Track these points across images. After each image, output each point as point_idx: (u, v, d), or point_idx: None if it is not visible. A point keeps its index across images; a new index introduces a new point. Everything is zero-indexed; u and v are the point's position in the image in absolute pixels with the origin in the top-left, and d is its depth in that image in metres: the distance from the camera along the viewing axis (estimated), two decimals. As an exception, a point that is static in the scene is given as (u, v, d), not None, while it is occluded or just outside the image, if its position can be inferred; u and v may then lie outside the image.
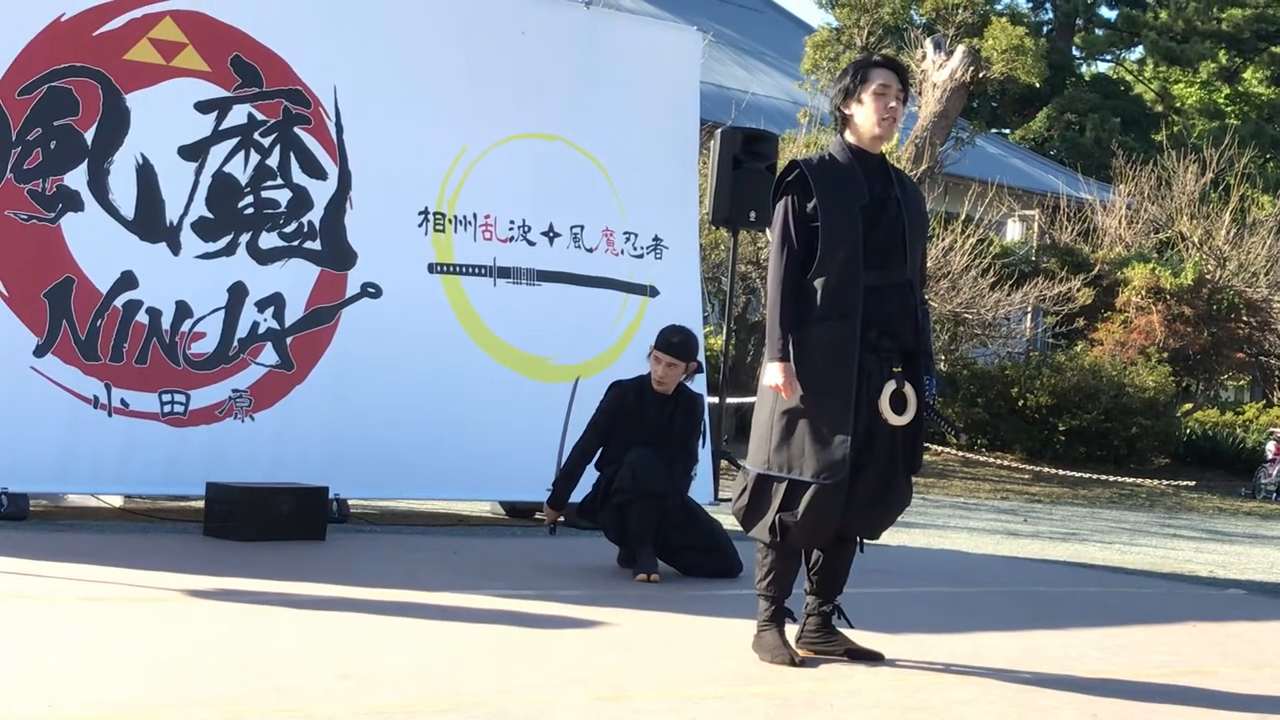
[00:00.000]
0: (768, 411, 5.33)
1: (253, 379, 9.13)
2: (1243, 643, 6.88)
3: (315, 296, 9.37)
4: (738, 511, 5.42)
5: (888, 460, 5.32)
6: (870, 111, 5.33)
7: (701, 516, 7.95)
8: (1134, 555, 11.35)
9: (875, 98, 5.32)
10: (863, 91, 5.34)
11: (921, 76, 23.72)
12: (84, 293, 8.65)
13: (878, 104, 5.32)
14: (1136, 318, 23.07)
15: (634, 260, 10.59)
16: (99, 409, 8.65)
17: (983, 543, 11.36)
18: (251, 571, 6.82)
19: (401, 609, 6.08)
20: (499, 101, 10.09)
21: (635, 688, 4.82)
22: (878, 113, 5.32)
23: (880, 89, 5.32)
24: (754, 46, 33.06)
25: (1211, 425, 23.33)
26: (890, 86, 5.33)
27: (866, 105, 5.34)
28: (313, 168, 9.41)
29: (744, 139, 11.19)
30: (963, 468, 19.48)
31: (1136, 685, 5.46)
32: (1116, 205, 26.46)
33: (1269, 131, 37.18)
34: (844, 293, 5.23)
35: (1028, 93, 34.56)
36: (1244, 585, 9.54)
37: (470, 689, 4.63)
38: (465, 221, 9.94)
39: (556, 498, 8.02)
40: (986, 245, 21.94)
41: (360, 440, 9.35)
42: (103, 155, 8.74)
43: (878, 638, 5.78)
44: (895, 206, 5.35)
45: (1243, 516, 17.96)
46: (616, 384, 8.10)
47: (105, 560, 6.86)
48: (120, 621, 5.46)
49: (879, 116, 5.33)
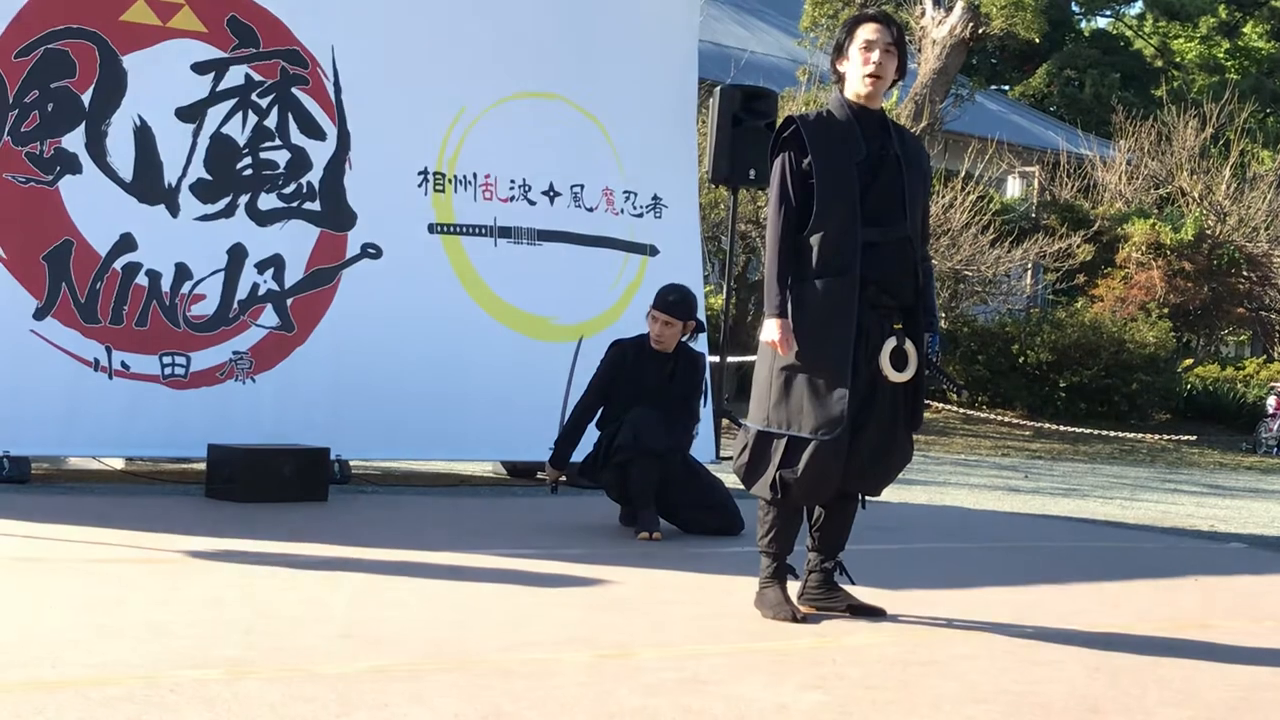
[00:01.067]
0: (767, 369, 5.33)
1: (253, 341, 9.12)
2: (1243, 596, 6.90)
3: (315, 258, 9.36)
4: (738, 469, 5.43)
5: (889, 417, 5.32)
6: (856, 66, 5.32)
7: (703, 474, 7.96)
8: (1135, 510, 11.38)
9: (861, 52, 5.31)
10: (850, 46, 5.34)
11: (921, 33, 23.63)
12: (83, 255, 8.64)
13: (863, 57, 5.31)
14: (1137, 273, 23.07)
15: (634, 219, 10.56)
16: (99, 372, 8.65)
17: (984, 499, 11.38)
18: (253, 533, 6.83)
19: (404, 569, 6.10)
20: (498, 61, 10.04)
21: (637, 645, 4.84)
22: (862, 66, 5.31)
23: (866, 44, 5.30)
24: (752, 4, 32.94)
25: (1212, 380, 23.36)
26: (876, 40, 5.30)
27: (853, 60, 5.33)
28: (311, 128, 9.38)
29: (743, 97, 11.14)
30: (964, 425, 19.51)
31: (1138, 639, 5.47)
32: (1116, 161, 26.41)
33: (1269, 86, 37.08)
34: (841, 249, 5.22)
35: (1027, 49, 34.43)
36: (1245, 539, 9.56)
37: (473, 648, 4.65)
38: (465, 181, 9.92)
39: (558, 457, 8.03)
40: (987, 202, 21.92)
41: (361, 401, 9.35)
42: (100, 117, 8.71)
43: (880, 594, 5.80)
44: (894, 163, 5.34)
45: (1243, 471, 18.00)
46: (617, 343, 8.10)
47: (107, 523, 6.88)
48: (123, 583, 5.47)
49: (864, 71, 5.31)
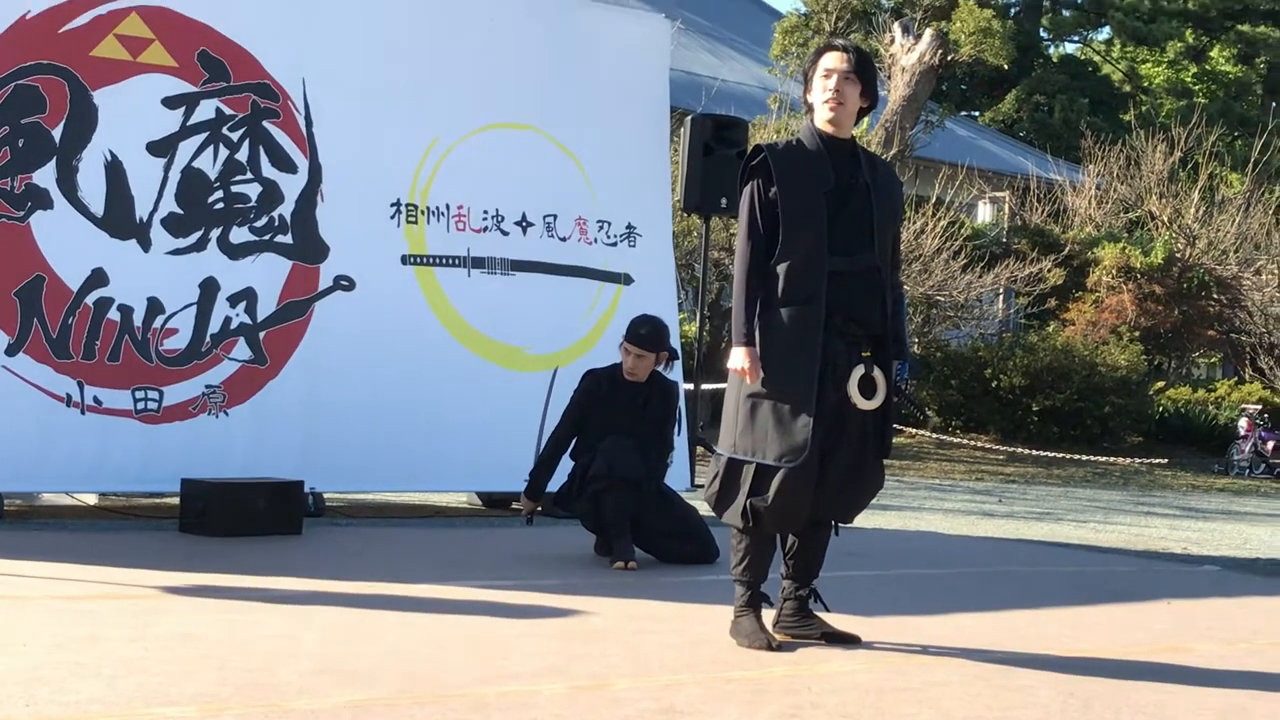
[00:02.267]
0: (734, 396, 5.36)
1: (226, 374, 9.10)
2: (1217, 619, 6.93)
3: (288, 290, 9.35)
4: (710, 497, 5.45)
5: (858, 444, 5.35)
6: (818, 94, 5.40)
7: (677, 503, 7.97)
8: (1108, 533, 11.41)
9: (822, 80, 5.39)
10: (814, 75, 5.42)
11: (890, 60, 23.75)
12: (54, 291, 8.62)
13: (822, 85, 5.38)
14: (1108, 297, 23.17)
15: (608, 248, 10.58)
16: (72, 407, 8.62)
17: (958, 524, 11.40)
18: (228, 567, 6.81)
19: (379, 601, 6.09)
20: (469, 92, 10.08)
21: (614, 676, 4.84)
22: (821, 95, 5.38)
23: (826, 72, 5.38)
24: (723, 33, 33.08)
25: (1184, 403, 23.44)
26: (835, 69, 5.37)
27: (815, 89, 5.41)
28: (283, 161, 9.39)
29: (714, 126, 11.21)
30: (937, 449, 19.55)
31: (1112, 663, 5.49)
32: (1086, 185, 26.56)
33: (1236, 109, 37.34)
34: (806, 278, 5.26)
35: (996, 75, 34.71)
36: (1218, 561, 9.59)
37: (449, 680, 4.64)
38: (438, 213, 9.93)
39: (533, 488, 8.03)
40: (957, 227, 22.02)
41: (335, 433, 9.34)
42: (71, 152, 8.71)
43: (855, 620, 5.80)
44: (863, 191, 5.38)
45: (1216, 493, 18.06)
46: (590, 372, 8.12)
47: (81, 559, 6.85)
48: (96, 620, 5.44)
49: (822, 98, 5.38)
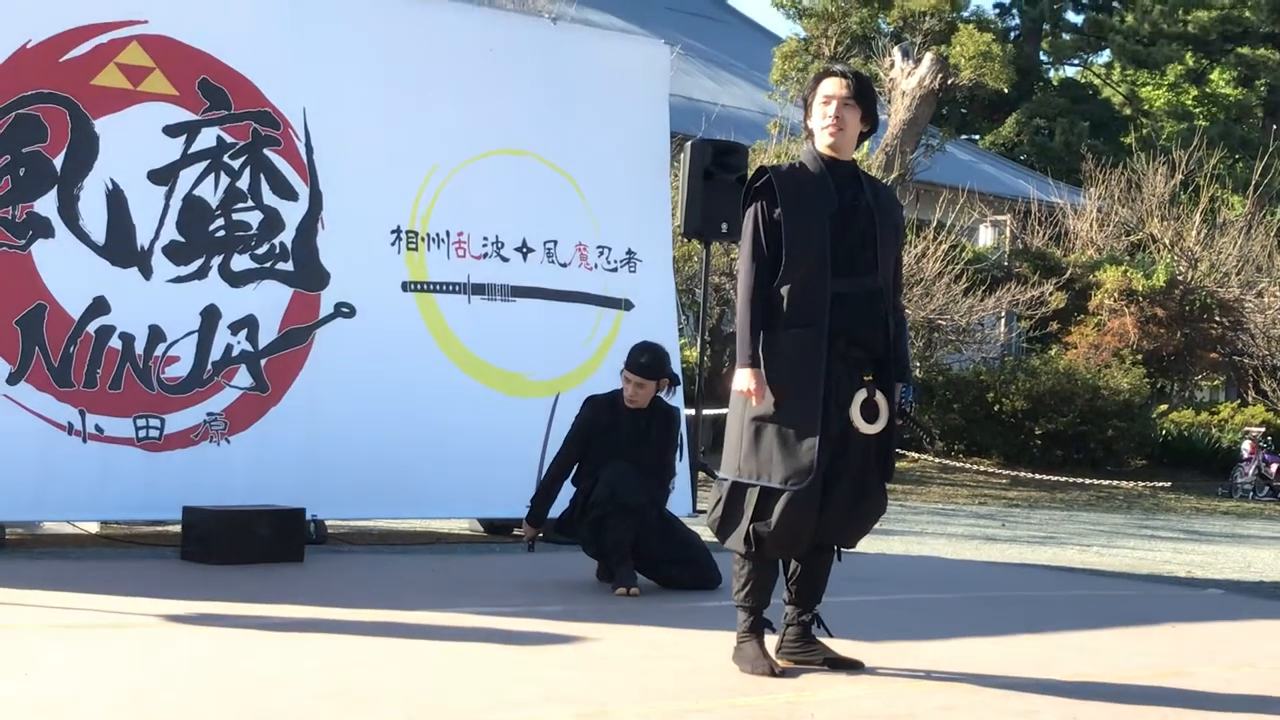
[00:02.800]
0: (738, 419, 5.36)
1: (227, 402, 9.10)
2: (1221, 643, 6.91)
3: (289, 318, 9.36)
4: (712, 523, 5.44)
5: (861, 469, 5.34)
6: (818, 120, 5.42)
7: (679, 528, 7.95)
8: (1112, 557, 11.39)
9: (821, 106, 5.42)
10: (813, 101, 5.45)
11: (890, 85, 23.81)
12: (56, 319, 8.62)
13: (821, 111, 5.41)
14: (1110, 320, 23.16)
15: (608, 274, 10.59)
16: (73, 435, 8.62)
17: (961, 548, 11.39)
18: (230, 595, 6.80)
19: (381, 629, 6.07)
20: (469, 119, 10.10)
21: (616, 703, 4.82)
22: (820, 121, 5.41)
23: (825, 98, 5.42)
24: (723, 58, 33.14)
25: (1187, 426, 23.42)
26: (834, 95, 5.41)
27: (815, 114, 5.44)
28: (283, 189, 9.40)
29: (714, 151, 11.21)
30: (940, 474, 19.53)
31: (1116, 687, 5.48)
32: (1087, 209, 26.57)
33: (1237, 132, 37.39)
34: (810, 301, 5.26)
35: (996, 98, 34.75)
36: (1222, 585, 9.57)
37: (452, 707, 4.63)
38: (438, 239, 9.94)
39: (535, 514, 8.02)
40: (959, 251, 22.02)
41: (337, 461, 9.33)
42: (72, 181, 8.72)
43: (858, 646, 5.79)
44: (866, 214, 5.39)
45: (1220, 516, 18.04)
46: (591, 399, 8.11)
47: (82, 587, 6.84)
48: (99, 648, 5.43)
49: (822, 124, 5.41)
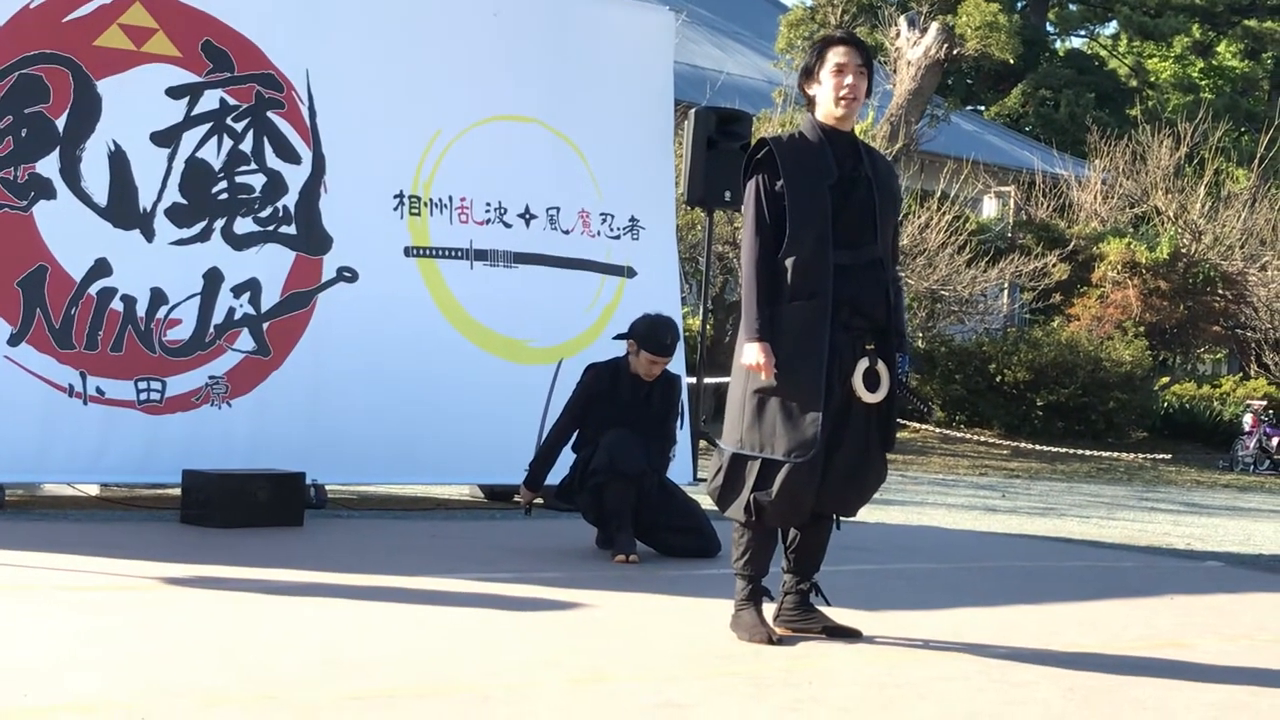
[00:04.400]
0: (740, 391, 5.34)
1: (229, 365, 9.10)
2: (1220, 615, 6.91)
3: (291, 281, 9.35)
4: (713, 492, 5.43)
5: (862, 437, 5.33)
6: (829, 90, 5.34)
7: (679, 496, 7.96)
8: (1112, 529, 11.40)
9: (833, 75, 5.33)
10: (821, 70, 5.36)
11: (896, 54, 23.72)
12: (57, 281, 8.61)
13: (835, 81, 5.33)
14: (1113, 292, 23.13)
15: (611, 241, 10.58)
16: (74, 397, 8.62)
17: (961, 519, 11.39)
18: (229, 559, 6.80)
19: (380, 594, 6.08)
20: (473, 84, 10.06)
21: (614, 669, 4.83)
22: (835, 90, 5.34)
23: (837, 67, 5.32)
24: (728, 26, 33.04)
25: (1188, 398, 23.42)
26: (847, 63, 5.32)
27: (825, 84, 5.35)
28: (286, 152, 9.38)
29: (718, 119, 11.17)
30: (941, 444, 19.53)
31: (1114, 658, 5.48)
32: (1092, 180, 26.51)
33: (1243, 105, 37.29)
34: (813, 272, 5.23)
35: (1002, 69, 34.66)
36: (1221, 557, 9.58)
37: (450, 672, 4.64)
38: (441, 204, 9.92)
39: (533, 479, 8.03)
40: (962, 222, 21.98)
41: (337, 425, 9.34)
42: (75, 142, 8.70)
43: (856, 615, 5.79)
44: (865, 184, 5.36)
45: (1220, 489, 18.05)
46: (592, 366, 8.11)
47: (82, 549, 6.84)
48: (97, 610, 5.44)
49: (836, 95, 5.34)
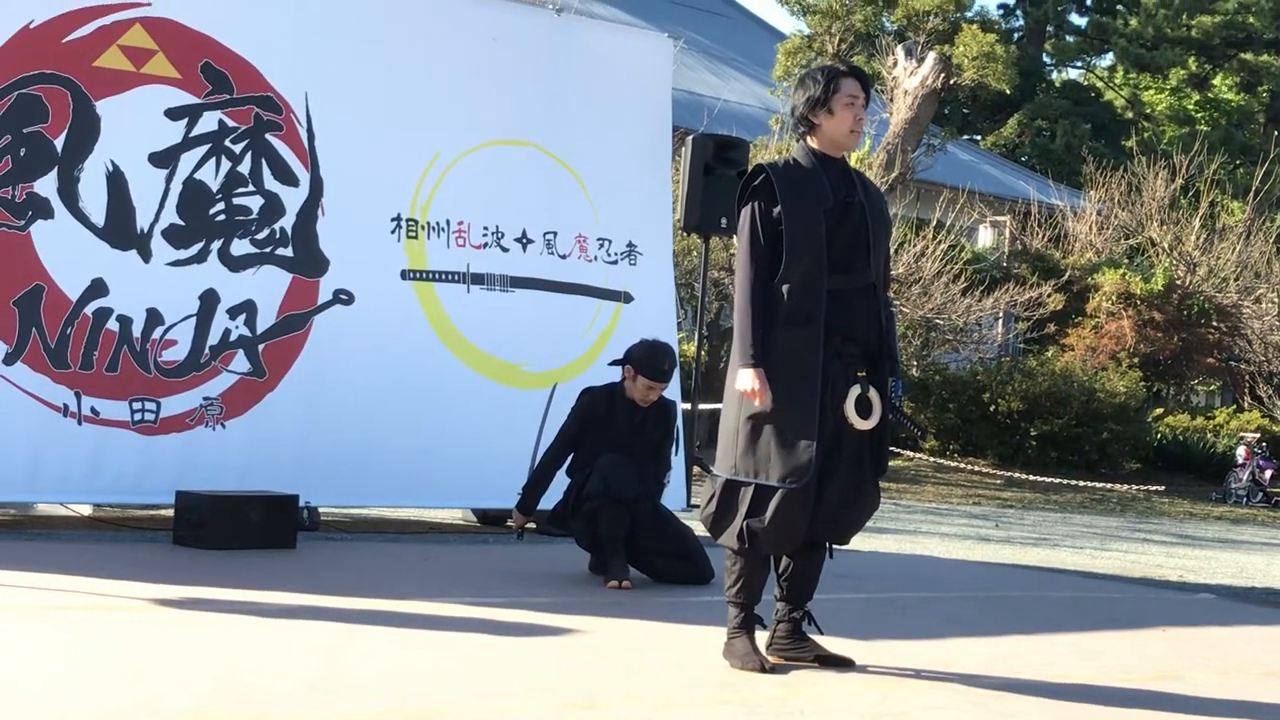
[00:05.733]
0: (734, 417, 5.35)
1: (224, 386, 9.09)
2: (1212, 647, 6.91)
3: (287, 303, 9.35)
4: (706, 518, 5.43)
5: (855, 465, 5.34)
6: (842, 122, 5.39)
7: (672, 522, 7.95)
8: (1105, 560, 11.40)
9: (845, 108, 5.39)
10: (834, 101, 5.39)
11: (893, 83, 23.78)
12: (54, 300, 8.61)
13: (848, 114, 5.39)
14: (1107, 323, 23.17)
15: (608, 266, 10.59)
16: (69, 417, 8.61)
17: (954, 548, 11.39)
18: (222, 580, 6.79)
19: (372, 617, 6.07)
20: (471, 108, 10.09)
21: (606, 695, 4.83)
22: (849, 123, 5.40)
23: (849, 99, 5.39)
24: (725, 53, 33.12)
25: (1182, 430, 23.43)
26: (858, 97, 5.41)
27: (838, 115, 5.40)
28: (284, 174, 9.39)
29: (715, 146, 11.19)
30: (934, 473, 19.53)
31: (1106, 690, 5.48)
32: (1087, 211, 26.57)
33: (1238, 138, 37.39)
34: (807, 298, 5.25)
35: (999, 99, 34.74)
36: (1214, 590, 9.58)
37: (441, 697, 4.63)
38: (438, 228, 9.93)
39: (525, 502, 8.02)
40: (958, 251, 22.02)
41: (331, 448, 9.33)
42: (73, 162, 8.71)
43: (848, 644, 5.79)
44: (859, 209, 5.40)
45: (1213, 521, 18.05)
46: (587, 391, 8.11)
47: (74, 570, 6.83)
48: (88, 631, 5.43)
49: (850, 127, 5.40)
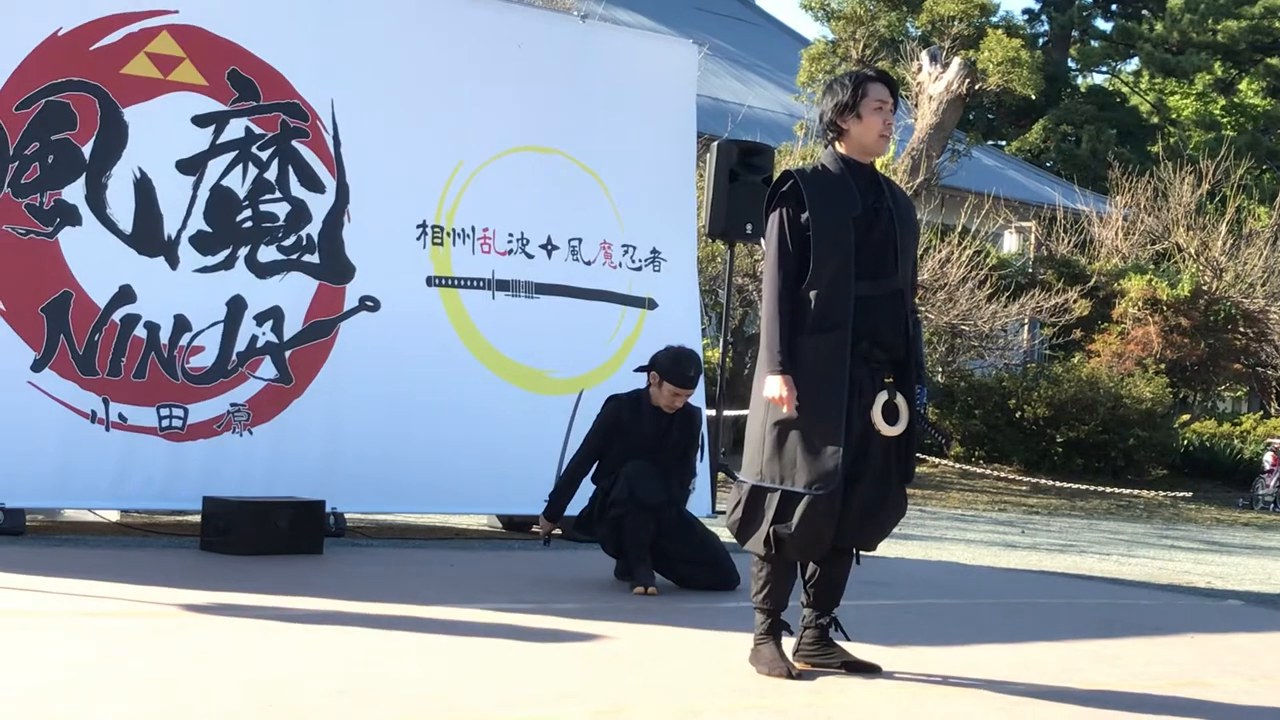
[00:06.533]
0: (760, 423, 5.34)
1: (251, 393, 9.12)
2: (1240, 654, 6.88)
3: (314, 310, 9.38)
4: (732, 525, 5.43)
5: (882, 471, 5.33)
6: (871, 127, 5.38)
7: (698, 529, 7.95)
8: (1132, 566, 11.35)
9: (874, 113, 5.38)
10: (862, 107, 5.38)
11: (918, 89, 23.75)
12: (82, 307, 8.65)
13: (877, 119, 5.38)
14: (1133, 329, 23.09)
15: (632, 272, 10.60)
16: (96, 424, 8.65)
17: (980, 555, 11.36)
18: (248, 586, 6.81)
19: (398, 623, 6.08)
20: (496, 115, 10.11)
21: (633, 702, 4.82)
22: (878, 128, 5.39)
23: (878, 104, 5.38)
24: (749, 59, 33.12)
25: (1209, 436, 23.34)
26: (886, 101, 5.41)
27: (866, 121, 5.39)
28: (311, 181, 9.42)
29: (740, 152, 11.19)
30: (960, 480, 19.49)
31: (1134, 697, 5.46)
32: (1113, 217, 26.49)
33: (1265, 143, 37.25)
34: (835, 304, 5.25)
35: (1024, 104, 34.65)
36: (1241, 596, 9.53)
37: (467, 703, 4.63)
38: (463, 234, 9.95)
39: (552, 509, 8.03)
40: (983, 257, 21.99)
41: (358, 454, 9.35)
42: (100, 169, 8.75)
43: (875, 650, 5.78)
44: (887, 216, 5.39)
45: (1240, 527, 17.97)
46: (613, 398, 8.11)
47: (102, 575, 6.86)
48: (116, 637, 5.45)
49: (879, 132, 5.39)
